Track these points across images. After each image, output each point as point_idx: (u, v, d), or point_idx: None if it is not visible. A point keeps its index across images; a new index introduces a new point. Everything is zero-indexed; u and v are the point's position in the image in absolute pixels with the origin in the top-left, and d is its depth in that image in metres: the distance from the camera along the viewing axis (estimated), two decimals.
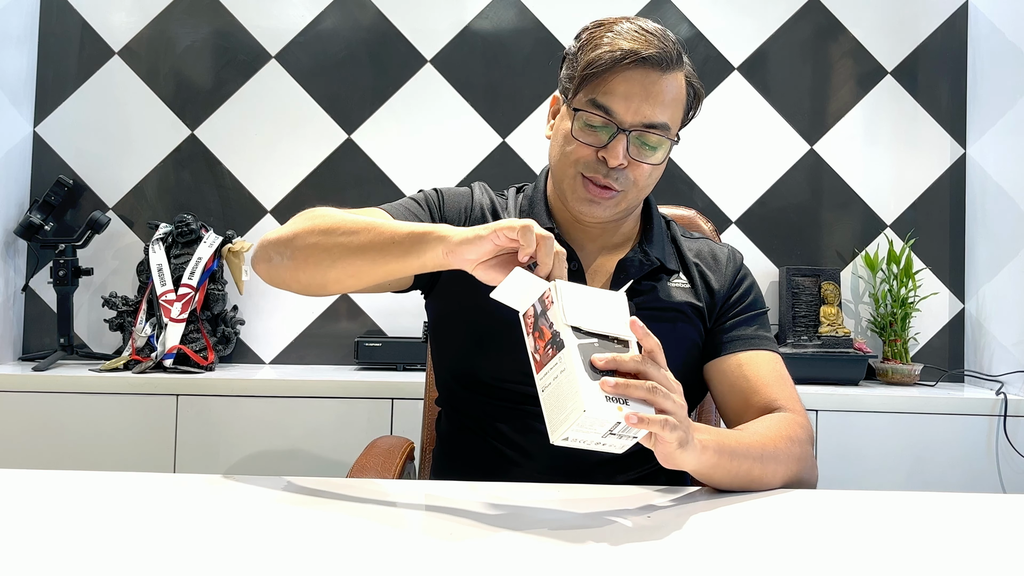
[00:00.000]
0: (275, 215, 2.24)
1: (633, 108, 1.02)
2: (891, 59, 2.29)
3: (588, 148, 1.04)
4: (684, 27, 2.28)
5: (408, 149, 2.26)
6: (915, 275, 2.17)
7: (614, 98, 1.02)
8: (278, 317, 2.23)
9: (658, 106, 1.02)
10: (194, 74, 2.25)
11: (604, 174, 1.04)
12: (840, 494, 0.94)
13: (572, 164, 1.06)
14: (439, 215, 1.13)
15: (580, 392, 0.74)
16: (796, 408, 1.06)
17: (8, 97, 2.13)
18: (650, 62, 1.01)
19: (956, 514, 0.88)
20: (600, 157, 1.03)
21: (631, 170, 1.05)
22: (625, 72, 1.01)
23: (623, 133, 1.02)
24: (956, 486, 1.86)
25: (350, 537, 0.74)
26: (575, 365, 0.76)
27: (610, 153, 1.02)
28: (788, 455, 0.96)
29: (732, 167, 2.27)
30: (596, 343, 0.78)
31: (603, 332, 0.79)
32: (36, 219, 2.08)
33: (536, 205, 1.15)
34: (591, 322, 0.79)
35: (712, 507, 0.88)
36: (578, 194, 1.07)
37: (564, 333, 0.77)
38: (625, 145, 1.02)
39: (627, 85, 1.02)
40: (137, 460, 1.84)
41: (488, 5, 2.28)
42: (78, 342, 2.17)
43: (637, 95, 1.02)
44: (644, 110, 1.02)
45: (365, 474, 1.12)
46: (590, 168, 1.05)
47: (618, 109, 1.02)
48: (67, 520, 0.76)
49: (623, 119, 1.02)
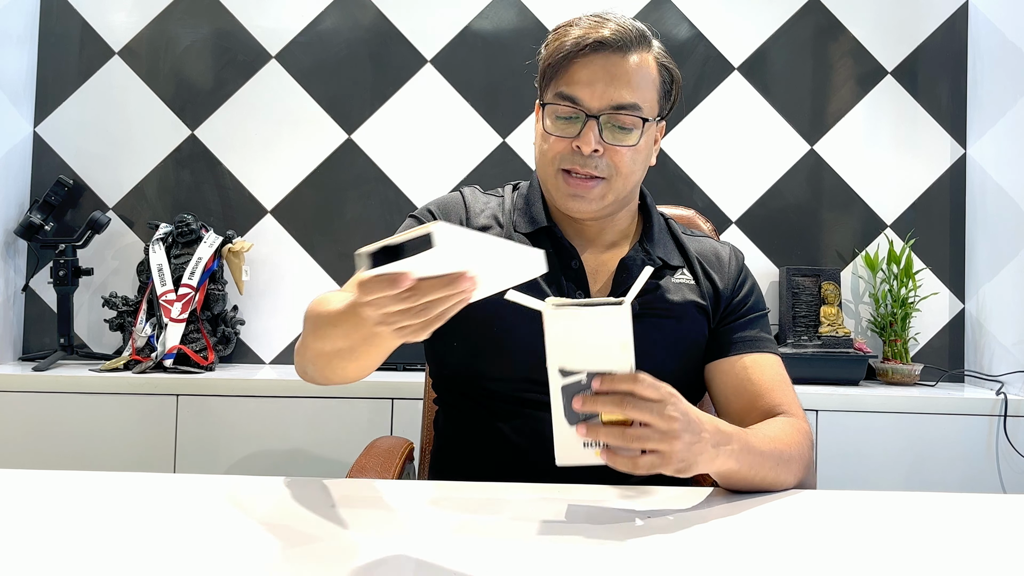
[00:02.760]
0: (275, 215, 2.24)
1: (599, 93, 1.03)
2: (891, 59, 2.29)
3: (563, 141, 1.05)
4: (684, 27, 2.28)
5: (408, 149, 2.25)
6: (915, 275, 2.17)
7: (578, 86, 1.04)
8: (278, 317, 2.23)
9: (624, 87, 1.03)
10: (194, 74, 2.25)
11: (582, 164, 1.05)
12: (840, 494, 0.94)
13: (551, 161, 1.07)
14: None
15: (556, 442, 0.79)
16: (799, 413, 1.07)
17: (8, 97, 2.13)
18: (608, 45, 1.03)
19: (956, 514, 0.88)
20: (575, 147, 1.05)
21: (609, 155, 1.05)
22: (585, 59, 1.04)
23: (593, 119, 1.03)
24: (956, 486, 1.86)
25: (350, 537, 0.74)
26: (557, 408, 0.79)
27: (582, 140, 1.04)
28: (799, 459, 0.98)
29: (732, 167, 2.27)
30: (583, 379, 0.79)
31: (591, 369, 0.79)
32: (36, 219, 2.08)
33: (533, 203, 1.15)
34: (576, 359, 0.79)
35: (712, 507, 0.88)
36: (562, 190, 1.08)
37: (551, 372, 0.79)
38: (597, 131, 1.04)
39: (589, 71, 1.03)
40: (137, 460, 1.84)
41: (488, 5, 2.28)
42: (78, 342, 2.17)
43: (600, 79, 1.03)
44: (610, 93, 1.03)
45: (365, 474, 1.12)
46: (567, 160, 1.06)
47: (583, 96, 1.04)
48: (67, 520, 0.76)
49: (590, 105, 1.03)
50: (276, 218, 2.24)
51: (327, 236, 2.24)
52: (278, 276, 2.23)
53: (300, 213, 2.24)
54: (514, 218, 1.14)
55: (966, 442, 1.89)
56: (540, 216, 1.13)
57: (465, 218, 1.15)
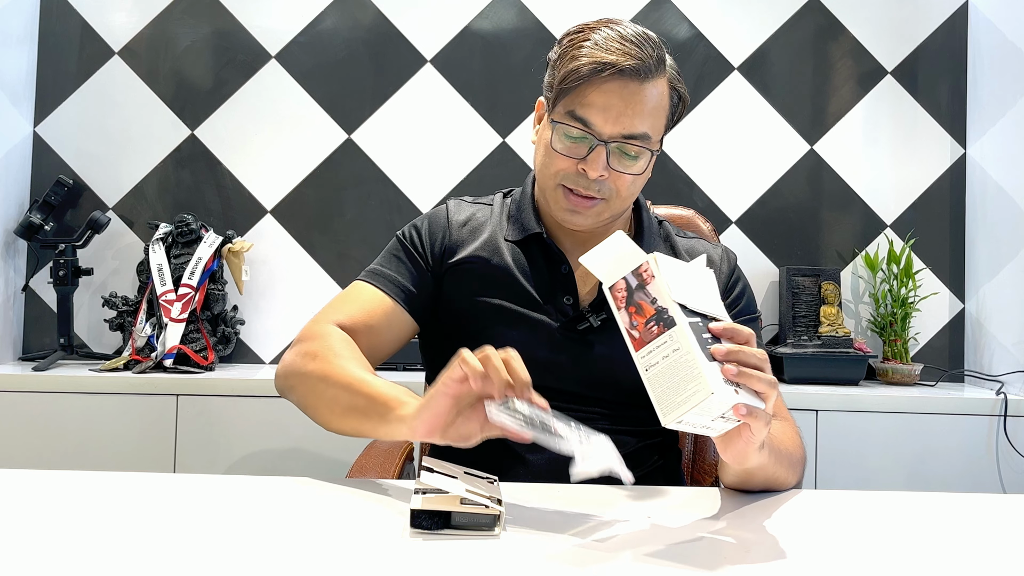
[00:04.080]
0: (275, 215, 2.24)
1: (612, 120, 1.01)
2: (891, 59, 2.29)
3: (568, 160, 1.04)
4: (684, 27, 2.28)
5: (408, 149, 2.25)
6: (915, 275, 2.17)
7: (592, 110, 1.01)
8: (278, 317, 2.23)
9: (637, 116, 1.02)
10: (194, 74, 2.25)
11: (585, 186, 1.04)
12: (840, 494, 0.94)
13: (553, 176, 1.06)
14: (424, 253, 1.14)
15: (704, 374, 0.73)
16: (790, 417, 1.07)
17: (8, 97, 2.13)
18: (628, 73, 1.00)
19: (956, 514, 0.88)
20: (580, 169, 1.03)
21: (612, 180, 1.04)
22: (603, 84, 1.01)
23: (602, 145, 1.02)
24: (956, 486, 1.86)
25: (350, 537, 0.74)
26: (692, 345, 0.74)
27: (590, 165, 1.02)
28: (801, 461, 1.00)
29: (732, 167, 2.27)
30: (700, 322, 0.77)
31: (703, 311, 0.78)
32: (36, 219, 2.08)
33: (524, 210, 1.15)
34: (692, 300, 0.77)
35: (712, 507, 0.88)
36: (560, 204, 1.07)
37: (673, 310, 0.75)
38: (605, 157, 1.02)
39: (605, 97, 1.01)
40: (137, 460, 1.84)
41: (488, 5, 2.28)
42: (78, 342, 2.17)
43: (616, 107, 1.01)
44: (623, 121, 1.01)
45: (365, 474, 1.12)
46: (570, 180, 1.05)
47: (596, 121, 1.01)
48: (67, 520, 0.76)
49: (602, 131, 1.01)
50: (276, 218, 2.24)
51: (327, 236, 2.24)
52: (278, 276, 2.23)
53: (300, 213, 2.24)
54: (505, 226, 1.15)
55: (966, 442, 1.89)
56: (531, 223, 1.13)
57: (448, 234, 1.15)
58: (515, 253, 1.12)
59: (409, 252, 1.14)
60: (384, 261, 1.15)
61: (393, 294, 1.11)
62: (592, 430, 0.80)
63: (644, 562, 0.69)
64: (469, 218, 1.17)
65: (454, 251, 1.13)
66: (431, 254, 1.14)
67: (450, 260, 1.13)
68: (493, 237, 1.14)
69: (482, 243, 1.13)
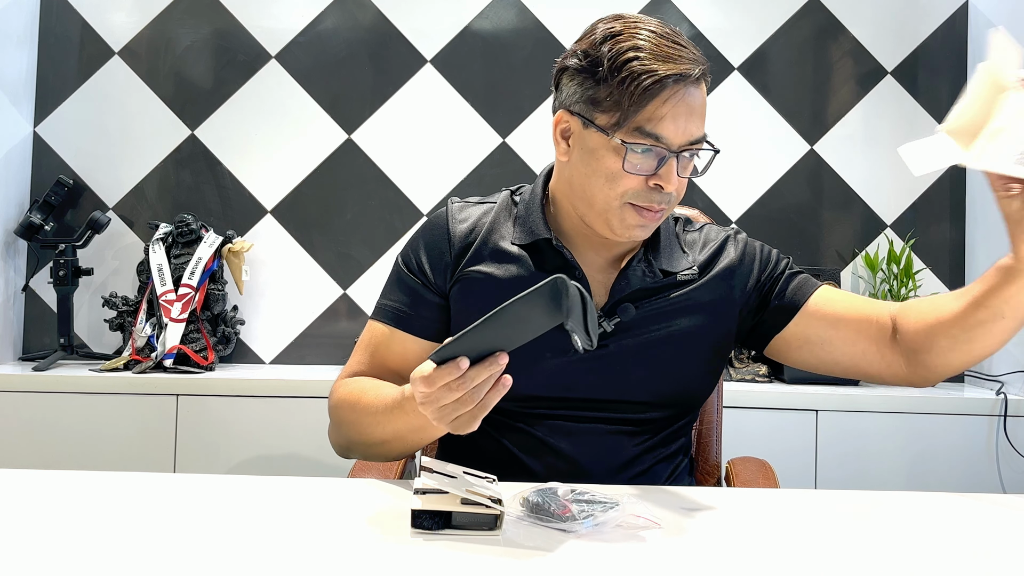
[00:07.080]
0: (275, 215, 2.24)
1: (681, 129, 0.98)
2: (891, 59, 2.29)
3: (638, 178, 0.99)
4: (684, 27, 2.28)
5: (408, 149, 2.25)
6: (915, 275, 2.17)
7: (662, 123, 0.97)
8: (278, 317, 2.23)
9: (698, 120, 1.00)
10: (194, 74, 2.25)
11: (658, 201, 1.00)
12: (840, 494, 0.94)
13: (619, 196, 1.00)
14: (426, 279, 1.11)
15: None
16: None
17: (8, 97, 2.13)
18: (687, 78, 0.98)
19: (956, 514, 0.88)
20: (652, 185, 0.99)
21: (677, 185, 1.02)
22: (669, 95, 0.97)
23: (673, 156, 0.99)
24: (956, 486, 1.86)
25: (351, 537, 0.74)
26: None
27: (664, 179, 0.99)
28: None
29: (732, 167, 2.27)
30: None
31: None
32: (36, 219, 2.08)
33: (532, 213, 1.11)
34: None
35: (712, 507, 0.88)
36: (627, 222, 1.02)
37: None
38: (676, 168, 0.99)
39: (672, 107, 0.97)
40: (137, 460, 1.84)
41: (488, 5, 2.28)
42: (78, 342, 2.17)
43: (682, 115, 0.98)
44: (689, 128, 0.99)
45: (365, 474, 1.12)
46: (641, 197, 1.00)
47: (667, 134, 0.97)
48: (67, 520, 0.76)
49: (672, 142, 0.98)
50: (276, 218, 2.24)
51: (327, 236, 2.24)
52: (278, 276, 2.23)
53: (300, 213, 2.24)
54: (512, 229, 1.11)
55: (966, 442, 1.89)
56: (539, 228, 1.09)
57: (449, 248, 1.11)
58: (522, 259, 1.08)
59: (411, 278, 1.12)
60: (389, 290, 1.14)
61: (403, 327, 1.10)
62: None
63: (645, 562, 0.69)
64: (473, 224, 1.12)
65: (457, 264, 1.10)
66: (433, 276, 1.11)
67: (454, 275, 1.10)
68: (499, 243, 1.10)
69: (488, 251, 1.10)
